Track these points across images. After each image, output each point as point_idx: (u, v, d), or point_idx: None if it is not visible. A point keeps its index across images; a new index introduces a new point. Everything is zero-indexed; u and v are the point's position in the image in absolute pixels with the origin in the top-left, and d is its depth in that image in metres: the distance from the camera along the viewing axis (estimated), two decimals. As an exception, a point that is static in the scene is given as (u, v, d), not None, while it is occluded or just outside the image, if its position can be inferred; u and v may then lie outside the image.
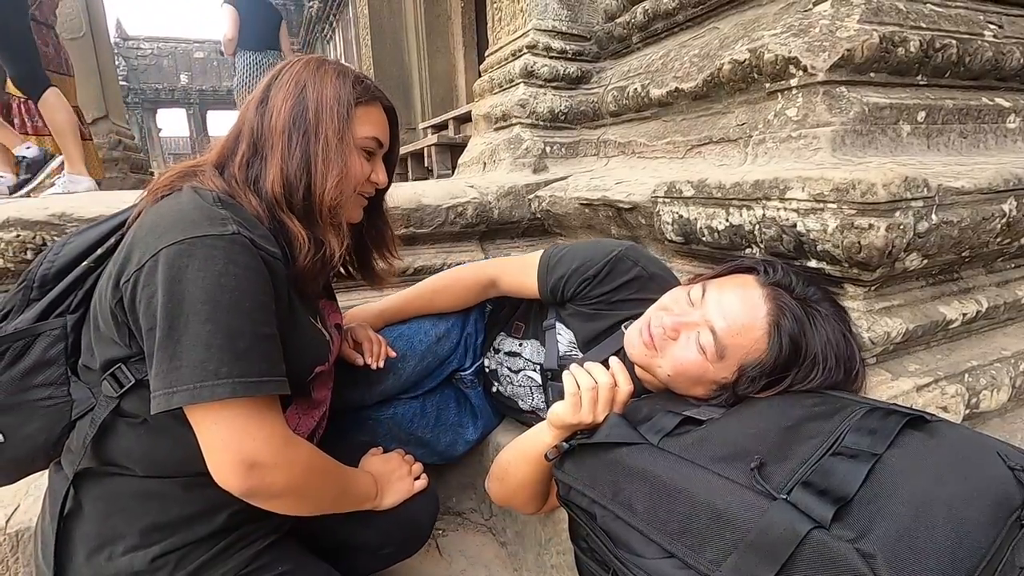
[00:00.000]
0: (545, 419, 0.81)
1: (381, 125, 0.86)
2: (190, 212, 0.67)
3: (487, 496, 0.94)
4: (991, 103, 1.14)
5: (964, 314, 0.96)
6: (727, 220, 0.99)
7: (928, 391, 0.89)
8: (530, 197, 1.67)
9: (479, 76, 2.21)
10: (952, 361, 0.95)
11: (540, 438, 0.80)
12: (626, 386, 0.76)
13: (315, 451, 0.76)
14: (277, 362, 0.68)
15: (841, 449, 0.56)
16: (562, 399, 0.77)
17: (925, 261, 0.87)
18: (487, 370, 1.19)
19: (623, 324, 0.92)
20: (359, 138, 0.81)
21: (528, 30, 1.86)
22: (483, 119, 2.09)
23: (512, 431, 1.18)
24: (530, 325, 1.10)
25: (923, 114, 1.07)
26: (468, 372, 1.20)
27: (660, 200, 1.16)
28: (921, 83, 1.10)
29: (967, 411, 0.92)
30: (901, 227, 0.79)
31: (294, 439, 0.72)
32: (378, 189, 0.90)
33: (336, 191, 0.77)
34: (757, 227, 0.93)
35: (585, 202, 1.46)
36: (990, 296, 1.00)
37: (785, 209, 0.88)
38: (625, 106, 1.67)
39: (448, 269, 1.19)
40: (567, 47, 1.89)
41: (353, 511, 0.86)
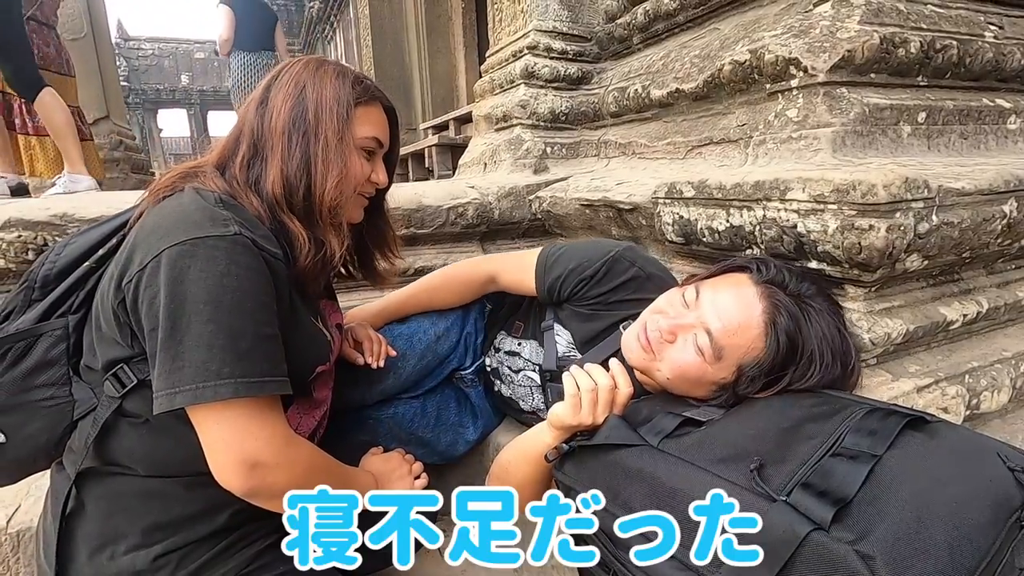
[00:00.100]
0: (545, 419, 0.81)
1: (381, 125, 0.86)
2: (192, 213, 0.67)
3: (487, 496, 0.94)
4: (992, 104, 1.14)
5: (964, 315, 0.96)
6: (728, 221, 0.99)
7: (928, 392, 0.89)
8: (531, 198, 1.67)
9: (480, 77, 2.21)
10: (953, 362, 0.95)
11: (540, 438, 0.80)
12: (626, 388, 0.76)
13: (316, 451, 0.77)
14: (279, 362, 0.68)
15: (841, 450, 0.56)
16: (562, 400, 0.77)
17: (925, 262, 0.87)
18: (488, 369, 1.19)
19: (621, 324, 0.92)
20: (359, 138, 0.81)
21: (529, 31, 1.86)
22: (484, 120, 2.09)
23: (513, 431, 1.18)
24: (529, 325, 1.10)
25: (924, 115, 1.07)
26: (468, 371, 1.20)
27: (661, 201, 1.16)
28: (922, 84, 1.10)
29: (968, 412, 0.92)
30: (901, 228, 0.79)
31: (295, 439, 0.72)
32: (379, 189, 0.91)
33: (336, 191, 0.77)
34: (758, 228, 0.93)
35: (586, 203, 1.46)
36: (991, 297, 1.00)
37: (786, 210, 0.88)
38: (626, 107, 1.67)
39: (447, 265, 1.18)
40: (568, 48, 1.89)
41: None
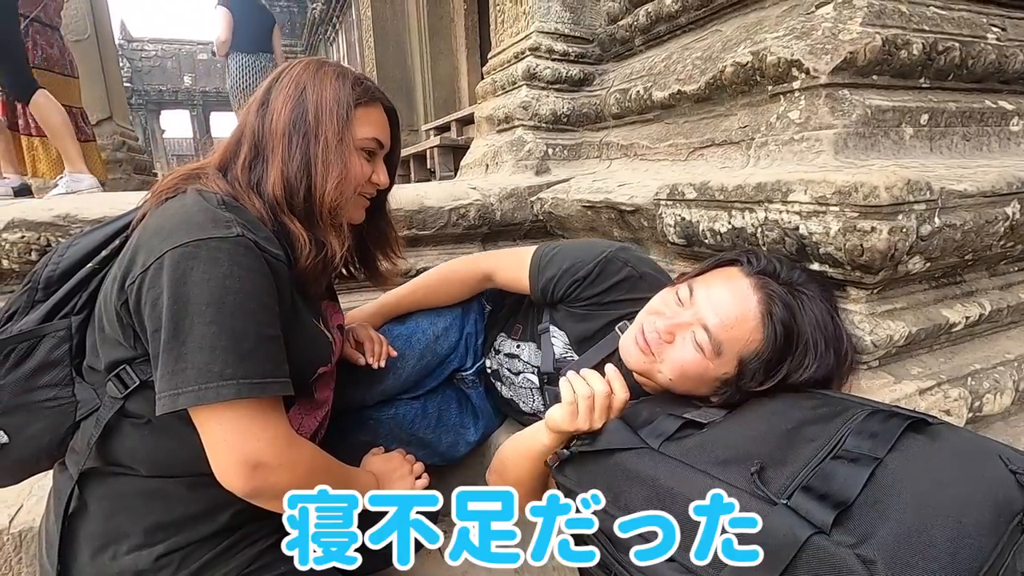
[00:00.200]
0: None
1: (381, 126, 0.86)
2: (195, 215, 0.67)
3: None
4: (994, 106, 1.14)
5: (967, 317, 0.95)
6: (729, 222, 0.99)
7: (931, 394, 0.88)
8: (532, 199, 1.67)
9: (482, 78, 2.21)
10: (955, 364, 0.95)
11: (538, 438, 0.80)
12: (622, 393, 0.76)
13: (318, 451, 0.77)
14: (281, 363, 0.68)
15: (842, 453, 0.56)
16: (559, 403, 0.77)
17: (928, 264, 0.86)
18: (489, 371, 1.19)
19: (617, 325, 0.92)
20: (359, 139, 0.81)
21: (531, 32, 1.86)
22: (486, 121, 2.09)
23: (514, 432, 1.17)
24: (527, 327, 1.10)
25: (926, 117, 1.07)
26: (469, 372, 1.20)
27: (662, 202, 1.16)
28: (924, 86, 1.10)
29: (970, 415, 0.92)
30: (904, 230, 0.79)
31: (297, 440, 0.72)
32: (380, 190, 0.91)
33: (336, 192, 0.77)
34: (759, 230, 0.93)
35: (587, 204, 1.46)
36: (993, 299, 1.00)
37: (788, 212, 0.88)
38: (627, 108, 1.67)
39: (444, 263, 1.19)
40: (570, 49, 1.89)
41: None
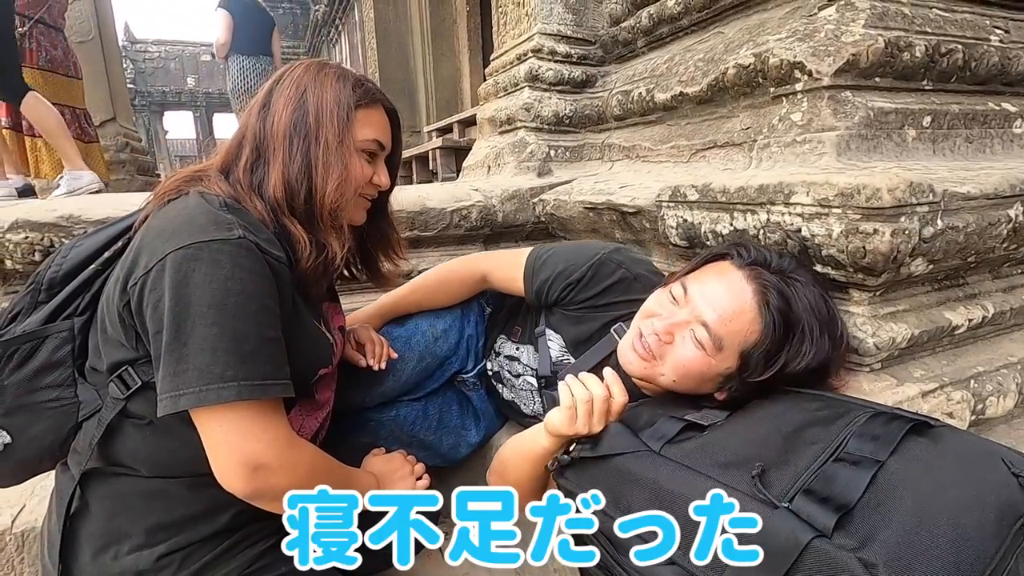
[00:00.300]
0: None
1: (382, 127, 0.86)
2: (197, 217, 0.68)
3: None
4: (997, 108, 1.14)
5: (970, 320, 0.95)
6: (731, 224, 0.99)
7: (933, 397, 0.88)
8: (534, 201, 1.67)
9: (484, 80, 2.22)
10: (958, 367, 0.95)
11: (538, 440, 0.80)
12: (620, 397, 0.76)
13: (318, 453, 0.77)
14: (282, 365, 0.69)
15: (843, 455, 0.56)
16: (557, 406, 0.77)
17: (931, 266, 0.86)
18: (490, 373, 1.19)
19: (613, 327, 0.92)
20: (360, 140, 0.81)
21: (533, 34, 1.86)
22: (488, 123, 2.09)
23: (515, 434, 1.17)
24: (526, 329, 1.11)
25: (929, 119, 1.06)
26: (470, 375, 1.20)
27: (664, 204, 1.16)
28: (927, 88, 1.10)
29: (973, 417, 0.92)
30: (906, 232, 0.79)
31: (298, 441, 0.72)
32: (381, 191, 0.91)
33: (337, 194, 0.77)
34: (762, 232, 0.93)
35: (589, 206, 1.46)
36: (996, 302, 1.00)
37: (790, 214, 0.88)
38: (630, 110, 1.67)
39: (441, 263, 1.19)
40: (572, 51, 1.89)
41: None
